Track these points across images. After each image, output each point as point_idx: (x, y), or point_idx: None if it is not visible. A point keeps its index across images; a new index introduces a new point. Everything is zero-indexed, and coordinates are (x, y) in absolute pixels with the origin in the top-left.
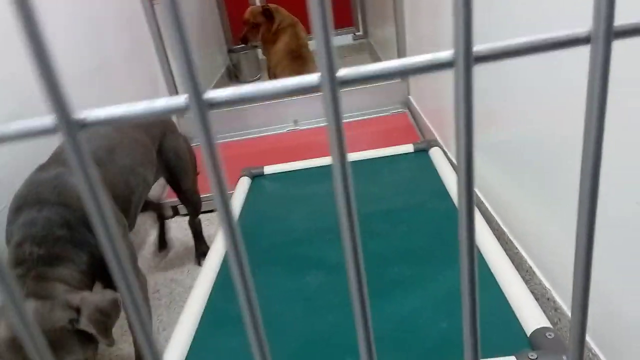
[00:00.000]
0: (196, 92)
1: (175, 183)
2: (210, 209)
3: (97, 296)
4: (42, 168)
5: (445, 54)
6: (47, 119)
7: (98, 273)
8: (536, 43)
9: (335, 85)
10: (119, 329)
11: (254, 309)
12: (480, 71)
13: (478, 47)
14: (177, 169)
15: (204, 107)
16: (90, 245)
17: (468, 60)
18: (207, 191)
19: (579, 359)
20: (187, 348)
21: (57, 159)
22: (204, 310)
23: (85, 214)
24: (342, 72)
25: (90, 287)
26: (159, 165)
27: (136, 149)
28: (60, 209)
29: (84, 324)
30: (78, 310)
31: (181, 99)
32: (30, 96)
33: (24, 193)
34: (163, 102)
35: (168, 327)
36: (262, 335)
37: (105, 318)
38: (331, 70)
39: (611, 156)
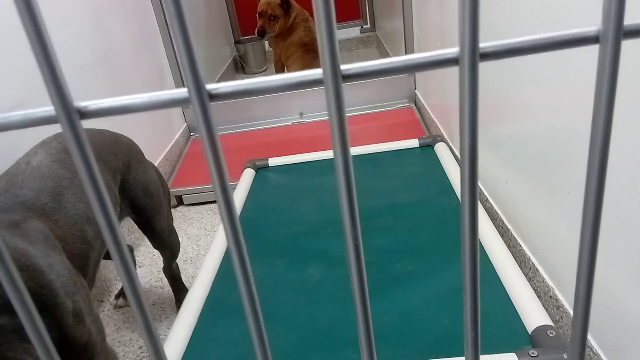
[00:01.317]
0: (197, 84)
1: (145, 224)
2: (215, 200)
3: None
4: None
5: (451, 51)
6: (49, 109)
7: None
8: (544, 41)
9: (338, 80)
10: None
11: (254, 301)
12: (487, 65)
13: (484, 45)
14: (148, 208)
15: (206, 100)
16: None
17: (474, 57)
18: (211, 181)
19: (580, 357)
20: (189, 337)
21: None
22: (206, 300)
23: (33, 289)
24: (346, 67)
25: None
26: (122, 204)
27: None
28: None
29: None
30: None
31: (183, 91)
32: (39, 89)
33: None
34: (165, 94)
35: None
36: (262, 326)
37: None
38: (334, 65)
39: (618, 154)
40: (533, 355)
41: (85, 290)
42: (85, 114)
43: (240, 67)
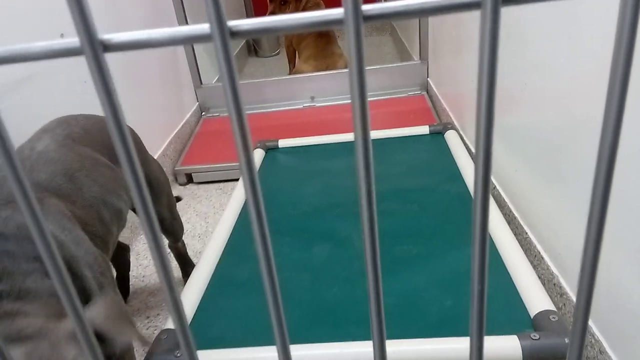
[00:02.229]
0: (219, 19)
1: None
2: (225, 179)
3: (95, 309)
4: None
5: None
6: (72, 40)
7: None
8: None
9: (359, 19)
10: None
11: (272, 271)
12: (501, 52)
13: None
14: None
15: (227, 35)
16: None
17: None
18: (220, 160)
19: (580, 341)
20: (194, 309)
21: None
22: (212, 274)
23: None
24: (367, 7)
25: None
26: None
27: (102, 172)
28: (22, 242)
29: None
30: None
31: (205, 27)
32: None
33: None
34: (186, 29)
35: None
36: (278, 296)
37: (120, 321)
38: (356, 4)
39: (625, 143)
40: (534, 338)
41: (110, 269)
42: (108, 47)
43: (252, 50)
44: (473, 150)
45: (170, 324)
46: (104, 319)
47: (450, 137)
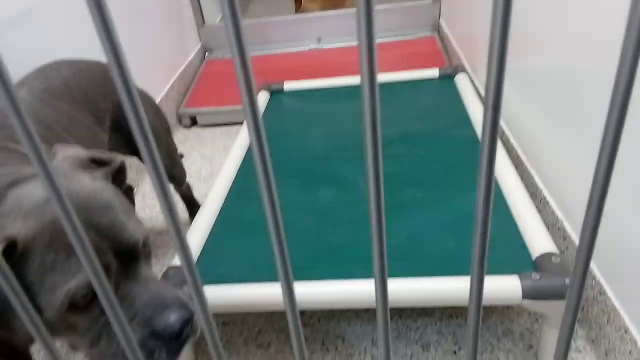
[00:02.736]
0: None
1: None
2: (230, 122)
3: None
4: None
5: None
6: None
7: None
8: None
9: None
10: None
11: (276, 210)
12: None
13: None
14: None
15: None
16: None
17: None
18: (225, 103)
19: (581, 281)
20: (200, 249)
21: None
22: (218, 215)
23: None
24: None
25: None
26: (117, 144)
27: (80, 131)
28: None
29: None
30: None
31: None
32: None
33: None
34: None
35: None
36: (281, 231)
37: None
38: None
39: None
40: (536, 279)
41: None
42: None
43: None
44: (484, 94)
45: (177, 262)
46: (92, 153)
47: (461, 80)
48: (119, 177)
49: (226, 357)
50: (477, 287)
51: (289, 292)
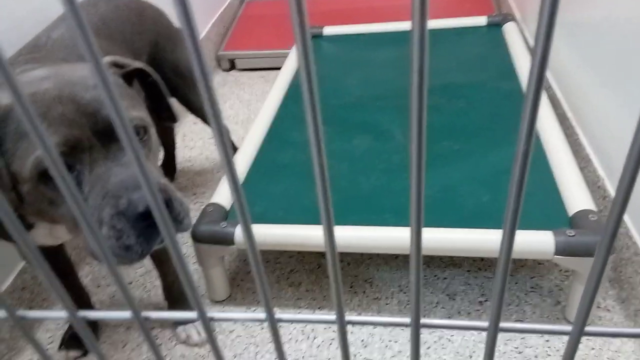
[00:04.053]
0: None
1: (182, 102)
2: (268, 67)
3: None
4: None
5: None
6: None
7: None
8: None
9: None
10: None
11: (322, 156)
12: None
13: None
14: (180, 88)
15: None
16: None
17: None
18: (264, 47)
19: (612, 235)
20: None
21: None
22: (254, 158)
23: None
24: None
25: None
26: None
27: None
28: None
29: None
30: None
31: None
32: None
33: None
34: None
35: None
36: (326, 178)
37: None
38: None
39: None
40: (570, 235)
41: None
42: None
43: None
44: (533, 45)
45: (216, 199)
46: (114, 58)
47: (509, 29)
48: (145, 80)
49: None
50: (508, 238)
51: (330, 234)
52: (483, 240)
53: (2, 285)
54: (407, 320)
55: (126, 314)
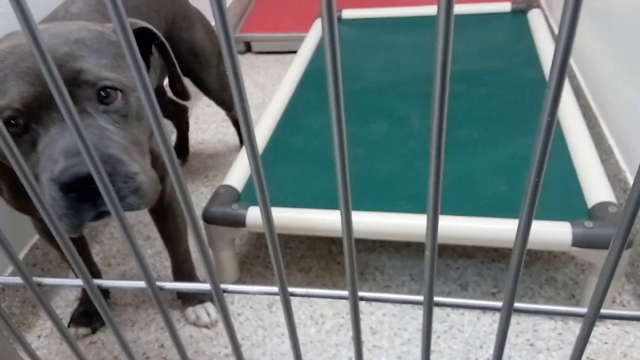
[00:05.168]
0: None
1: (195, 82)
2: (284, 50)
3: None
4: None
5: None
6: None
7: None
8: None
9: None
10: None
11: (343, 142)
12: None
13: None
14: (194, 67)
15: None
16: None
17: None
18: (281, 30)
19: (627, 227)
20: (249, 172)
21: None
22: (268, 141)
23: None
24: None
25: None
26: (169, 64)
27: None
28: None
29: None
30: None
31: None
32: None
33: None
34: None
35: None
36: (346, 163)
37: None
38: None
39: None
40: (588, 227)
41: None
42: None
43: None
44: (557, 32)
45: (228, 181)
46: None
47: (534, 16)
48: (150, 39)
49: (269, 275)
50: (524, 227)
51: (347, 218)
52: (500, 230)
53: None
54: (420, 298)
55: (140, 284)
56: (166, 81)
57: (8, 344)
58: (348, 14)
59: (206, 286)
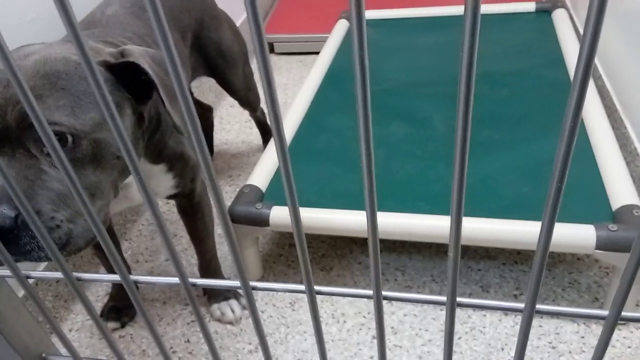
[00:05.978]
0: None
1: (221, 82)
2: (307, 51)
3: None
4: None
5: None
6: None
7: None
8: None
9: None
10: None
11: (370, 143)
12: None
13: None
14: (221, 67)
15: None
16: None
17: None
18: (304, 31)
19: None
20: (273, 172)
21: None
22: (291, 142)
23: None
24: None
25: None
26: (197, 63)
27: None
28: None
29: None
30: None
31: None
32: None
33: None
34: None
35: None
36: (372, 165)
37: (166, 76)
38: None
39: None
40: (612, 229)
41: None
42: None
43: None
44: (582, 32)
45: (252, 180)
46: (150, 60)
47: (559, 16)
48: (139, 74)
49: (291, 274)
50: (547, 229)
51: (372, 219)
52: (522, 232)
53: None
54: (442, 298)
55: (174, 280)
56: (194, 82)
57: (45, 336)
58: (368, 14)
59: (236, 283)
